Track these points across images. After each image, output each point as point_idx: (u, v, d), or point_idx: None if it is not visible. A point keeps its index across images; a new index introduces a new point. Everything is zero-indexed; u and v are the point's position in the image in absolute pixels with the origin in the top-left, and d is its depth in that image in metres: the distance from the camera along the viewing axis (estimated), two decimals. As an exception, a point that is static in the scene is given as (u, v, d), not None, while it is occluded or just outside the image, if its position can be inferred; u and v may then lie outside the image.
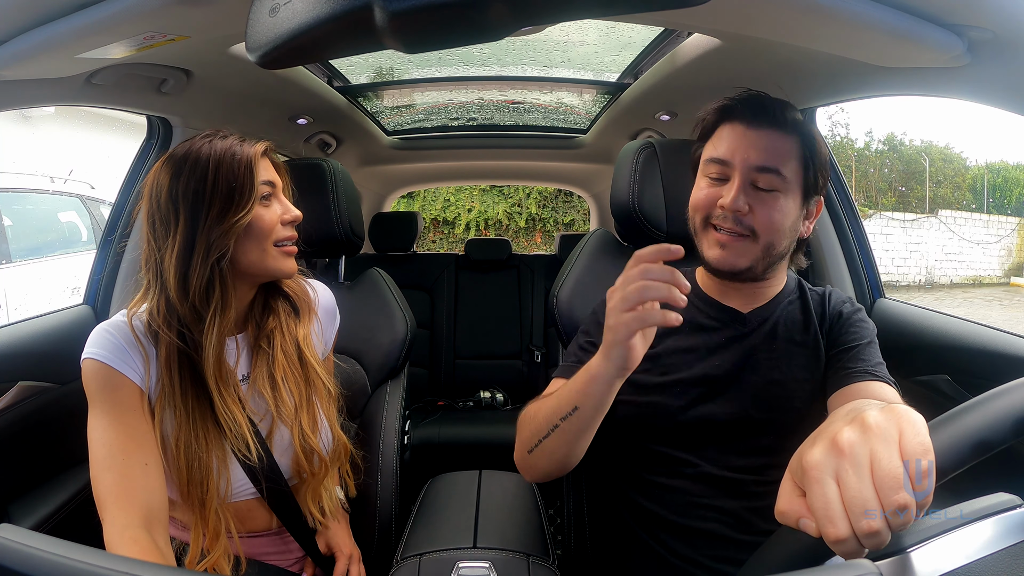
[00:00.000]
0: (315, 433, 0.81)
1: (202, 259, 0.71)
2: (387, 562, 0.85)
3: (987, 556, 0.35)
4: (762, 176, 0.75)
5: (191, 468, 0.71)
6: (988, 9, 0.67)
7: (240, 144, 0.76)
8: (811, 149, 0.77)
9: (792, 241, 0.80)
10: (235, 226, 0.72)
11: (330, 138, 1.95)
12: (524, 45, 1.47)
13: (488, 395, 2.29)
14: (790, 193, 0.76)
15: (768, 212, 0.75)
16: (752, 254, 0.77)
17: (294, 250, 0.80)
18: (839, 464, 0.38)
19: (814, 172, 0.77)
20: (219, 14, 0.76)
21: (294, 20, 0.45)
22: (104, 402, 0.70)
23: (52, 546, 0.35)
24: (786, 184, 0.75)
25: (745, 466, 0.77)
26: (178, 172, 0.73)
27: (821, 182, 0.79)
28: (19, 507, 1.09)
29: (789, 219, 0.77)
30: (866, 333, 0.81)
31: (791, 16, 0.76)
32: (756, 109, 0.77)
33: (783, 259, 0.82)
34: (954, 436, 0.35)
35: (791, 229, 0.78)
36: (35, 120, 5.74)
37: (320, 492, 0.84)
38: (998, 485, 0.41)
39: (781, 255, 0.80)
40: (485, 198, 7.93)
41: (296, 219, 0.80)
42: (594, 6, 0.63)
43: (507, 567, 0.76)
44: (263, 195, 0.77)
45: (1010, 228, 10.36)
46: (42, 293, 3.85)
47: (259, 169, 0.76)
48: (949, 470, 0.35)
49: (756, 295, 0.85)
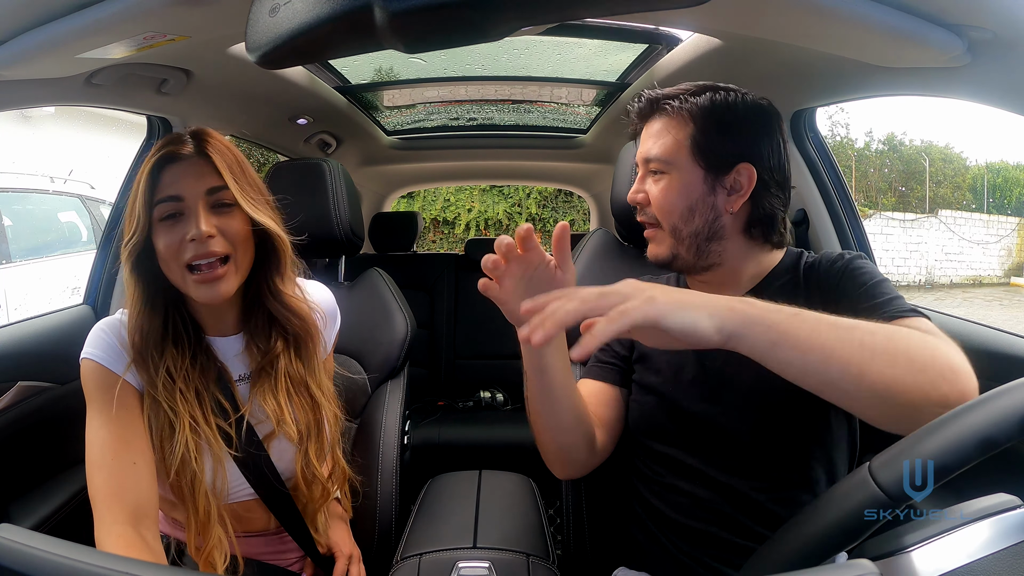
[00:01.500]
0: (321, 462, 0.80)
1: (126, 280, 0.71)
2: (387, 562, 0.85)
3: (987, 556, 0.35)
4: (651, 164, 0.78)
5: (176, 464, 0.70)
6: (988, 9, 0.67)
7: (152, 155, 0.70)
8: (707, 123, 0.75)
9: (708, 219, 0.76)
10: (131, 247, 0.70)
11: (330, 138, 1.95)
12: (525, 45, 1.47)
13: (488, 395, 2.29)
14: (680, 172, 0.75)
15: (657, 196, 0.77)
16: (666, 241, 0.78)
17: (212, 276, 0.70)
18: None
19: (711, 143, 0.74)
20: (219, 14, 0.76)
21: (294, 20, 0.45)
22: (99, 401, 0.71)
23: (52, 546, 0.35)
24: (671, 165, 0.76)
25: (745, 465, 0.76)
26: None
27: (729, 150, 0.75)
28: (19, 507, 1.09)
29: (684, 197, 0.75)
30: (866, 277, 0.74)
31: (791, 16, 0.76)
32: (642, 106, 0.80)
33: (713, 240, 0.77)
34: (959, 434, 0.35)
35: (692, 207, 0.75)
36: (35, 120, 5.74)
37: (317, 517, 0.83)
38: (998, 486, 0.41)
39: (699, 235, 0.76)
40: (485, 198, 7.93)
41: (199, 237, 0.68)
42: (594, 6, 0.63)
43: (507, 567, 0.76)
44: (164, 215, 0.69)
45: (1010, 228, 10.37)
46: (42, 293, 3.85)
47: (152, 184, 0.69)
48: (955, 467, 0.35)
49: (736, 284, 0.80)
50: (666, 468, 0.81)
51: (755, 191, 0.75)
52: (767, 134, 0.76)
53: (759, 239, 0.78)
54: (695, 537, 0.77)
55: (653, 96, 0.79)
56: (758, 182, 0.75)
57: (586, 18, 0.61)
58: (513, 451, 1.93)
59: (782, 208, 0.78)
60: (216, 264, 0.70)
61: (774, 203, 0.77)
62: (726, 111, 0.75)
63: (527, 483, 1.05)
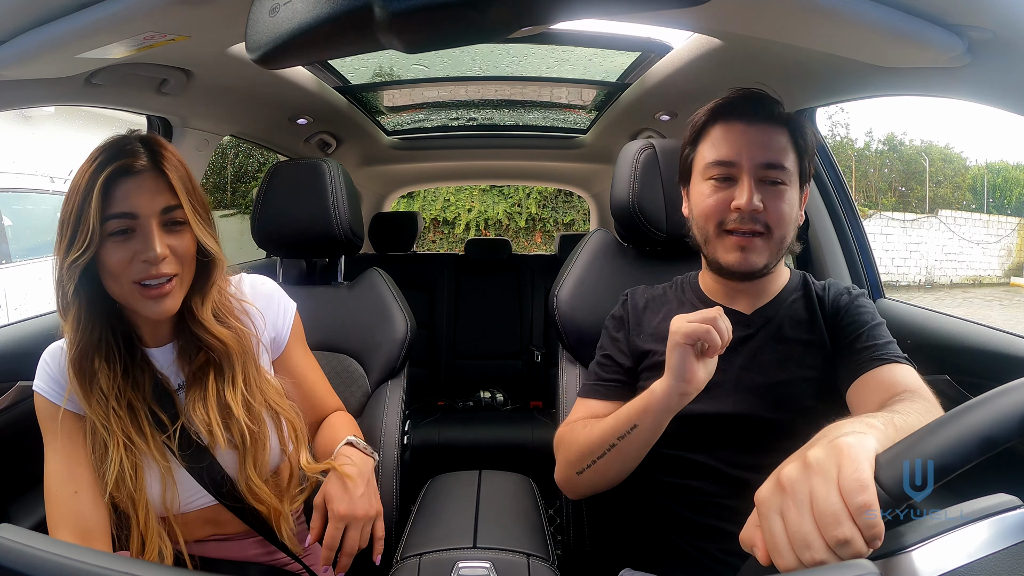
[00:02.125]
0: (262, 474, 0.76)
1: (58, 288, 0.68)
2: (387, 562, 0.84)
3: (987, 556, 0.35)
4: (770, 172, 0.77)
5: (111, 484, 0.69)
6: (988, 9, 0.67)
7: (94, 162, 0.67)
8: (803, 139, 0.79)
9: (794, 230, 0.82)
10: (74, 264, 0.66)
11: (330, 138, 1.95)
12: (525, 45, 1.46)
13: (488, 395, 2.29)
14: (793, 185, 0.79)
15: (779, 206, 0.77)
16: (768, 251, 0.78)
17: (160, 292, 0.69)
18: (783, 501, 0.41)
19: (807, 161, 0.81)
20: (219, 14, 0.76)
21: (294, 20, 0.45)
22: (48, 432, 0.72)
23: (52, 546, 0.35)
24: (790, 176, 0.78)
25: (757, 465, 0.76)
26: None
27: (811, 169, 0.83)
28: (19, 507, 1.09)
29: (795, 210, 0.80)
30: (867, 316, 0.79)
31: (791, 16, 0.76)
32: (753, 105, 0.78)
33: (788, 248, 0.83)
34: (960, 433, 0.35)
35: (796, 219, 0.81)
36: (35, 120, 5.73)
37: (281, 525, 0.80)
38: (998, 486, 0.41)
39: (789, 247, 0.81)
40: (485, 198, 7.92)
41: (153, 259, 0.67)
42: (594, 6, 0.63)
43: (507, 567, 0.76)
44: (114, 231, 0.67)
45: (1010, 228, 10.36)
46: (42, 293, 3.84)
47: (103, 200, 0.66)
48: (956, 467, 0.35)
49: (759, 294, 0.85)
50: (676, 469, 0.81)
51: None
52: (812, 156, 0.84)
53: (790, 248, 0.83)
54: (707, 534, 0.77)
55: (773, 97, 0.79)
56: None
57: (586, 18, 0.61)
58: (513, 451, 1.92)
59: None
60: (167, 281, 0.70)
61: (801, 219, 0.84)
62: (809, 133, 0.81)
63: (527, 483, 1.05)
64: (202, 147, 1.40)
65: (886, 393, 0.69)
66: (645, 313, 0.90)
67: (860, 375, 0.74)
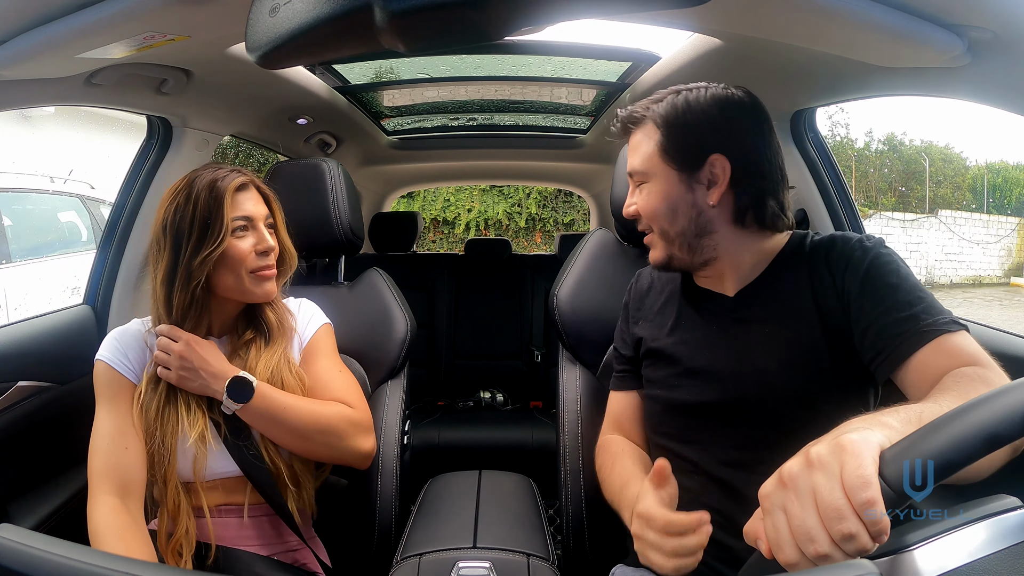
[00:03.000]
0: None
1: (182, 285, 0.83)
2: (387, 562, 0.85)
3: (987, 556, 0.35)
4: (634, 177, 0.82)
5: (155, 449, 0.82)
6: (988, 9, 0.67)
7: (222, 179, 0.84)
8: (670, 126, 0.77)
9: (691, 217, 0.77)
10: (208, 258, 0.82)
11: (330, 138, 1.95)
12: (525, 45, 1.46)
13: (488, 395, 2.29)
14: (656, 177, 0.78)
15: (643, 204, 0.80)
16: (661, 244, 0.81)
17: (270, 275, 0.89)
18: (785, 496, 0.41)
19: (677, 143, 0.76)
20: (219, 14, 0.76)
21: (294, 20, 0.45)
22: (103, 396, 0.84)
23: (52, 546, 0.35)
24: (648, 174, 0.79)
25: (744, 463, 0.75)
26: (172, 203, 0.84)
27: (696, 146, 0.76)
28: (19, 507, 1.09)
29: (665, 200, 0.78)
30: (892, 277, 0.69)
31: (791, 16, 0.76)
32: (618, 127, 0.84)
33: (703, 236, 0.78)
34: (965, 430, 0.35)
35: (674, 208, 0.78)
36: (35, 120, 5.74)
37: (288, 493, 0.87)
38: (999, 486, 0.41)
39: (686, 233, 0.78)
40: (485, 198, 7.93)
41: (269, 250, 0.88)
42: (594, 6, 0.63)
43: (507, 567, 0.76)
44: (236, 228, 0.85)
45: (1010, 228, 10.36)
46: (42, 293, 3.85)
47: (231, 205, 0.84)
48: (961, 463, 0.35)
49: (740, 273, 0.80)
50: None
51: (734, 179, 0.76)
52: (733, 121, 0.76)
53: (753, 226, 0.78)
54: None
55: (623, 114, 0.83)
56: (733, 170, 0.75)
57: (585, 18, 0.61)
58: (513, 451, 1.93)
59: (771, 191, 0.77)
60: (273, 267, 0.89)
61: (756, 188, 0.76)
62: (686, 110, 0.76)
63: (527, 483, 1.05)
64: (202, 147, 1.40)
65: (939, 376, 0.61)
66: (649, 293, 0.91)
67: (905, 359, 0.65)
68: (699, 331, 0.82)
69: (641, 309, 0.90)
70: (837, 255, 0.75)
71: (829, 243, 0.77)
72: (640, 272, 0.96)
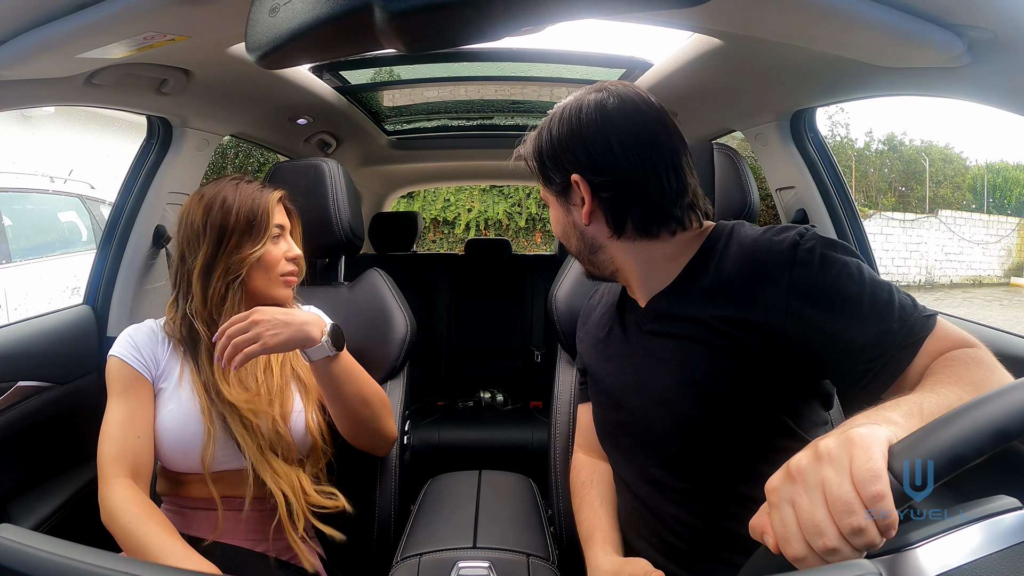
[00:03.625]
0: (285, 421, 0.90)
1: (221, 277, 0.88)
2: (387, 562, 0.85)
3: (987, 556, 0.35)
4: None
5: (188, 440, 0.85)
6: (988, 9, 0.67)
7: (260, 191, 0.93)
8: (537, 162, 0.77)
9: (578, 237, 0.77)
10: (249, 256, 0.89)
11: (330, 138, 1.95)
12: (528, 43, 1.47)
13: (488, 395, 2.29)
14: (550, 204, 0.80)
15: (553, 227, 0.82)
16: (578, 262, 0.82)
17: (294, 281, 0.96)
18: (793, 489, 0.40)
19: (546, 173, 0.76)
20: (219, 14, 0.76)
21: (294, 20, 0.45)
22: (115, 389, 0.87)
23: (52, 546, 0.35)
24: (547, 205, 0.81)
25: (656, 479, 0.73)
26: (210, 205, 0.89)
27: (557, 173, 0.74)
28: (19, 507, 1.09)
29: (557, 225, 0.79)
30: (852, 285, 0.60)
31: (791, 16, 0.76)
32: None
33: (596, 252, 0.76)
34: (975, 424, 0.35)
35: (565, 232, 0.79)
36: (35, 120, 5.74)
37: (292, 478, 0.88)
38: (999, 487, 0.41)
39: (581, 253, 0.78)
40: (485, 198, 7.93)
41: (297, 257, 0.95)
42: (594, 6, 0.63)
43: (507, 567, 0.76)
44: (274, 235, 0.92)
45: (1010, 228, 10.37)
46: (42, 293, 3.85)
47: (274, 213, 0.92)
48: (970, 458, 0.35)
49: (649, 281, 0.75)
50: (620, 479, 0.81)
51: (596, 195, 0.72)
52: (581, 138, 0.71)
53: (636, 236, 0.72)
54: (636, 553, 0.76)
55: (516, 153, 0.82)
56: (591, 186, 0.71)
57: (585, 18, 0.61)
58: (513, 451, 1.92)
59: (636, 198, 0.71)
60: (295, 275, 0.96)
61: (623, 196, 0.71)
62: (546, 139, 0.74)
63: (527, 483, 1.05)
64: (202, 147, 1.40)
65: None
66: (597, 307, 0.90)
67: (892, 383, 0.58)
68: (617, 346, 0.80)
69: (586, 323, 0.91)
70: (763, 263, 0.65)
71: (752, 251, 0.67)
72: (598, 287, 0.94)
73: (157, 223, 1.35)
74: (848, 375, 0.61)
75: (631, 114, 0.71)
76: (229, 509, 0.86)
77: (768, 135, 1.38)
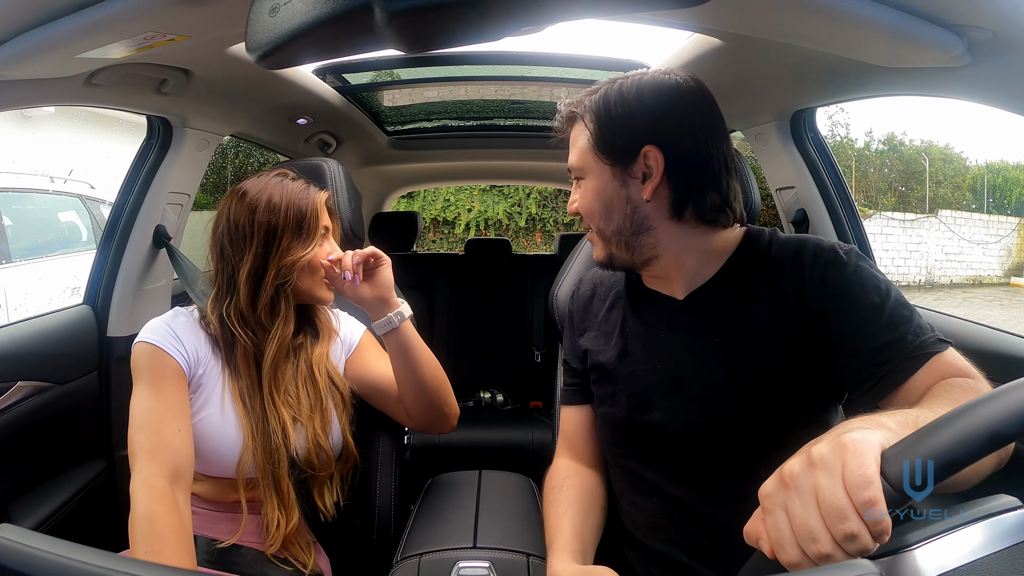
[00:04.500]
0: (326, 433, 0.88)
1: (271, 281, 0.84)
2: (387, 562, 0.84)
3: (987, 556, 0.35)
4: (572, 173, 0.78)
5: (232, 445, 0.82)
6: (988, 9, 0.67)
7: (307, 189, 0.89)
8: (600, 119, 0.72)
9: (626, 213, 0.72)
10: (301, 259, 0.85)
11: (330, 138, 1.95)
12: (526, 45, 1.47)
13: (488, 395, 2.29)
14: (591, 174, 0.74)
15: (579, 202, 0.76)
16: (600, 243, 0.77)
17: None
18: (787, 496, 0.40)
19: (609, 137, 0.71)
20: (219, 14, 0.76)
21: (294, 20, 0.45)
22: (149, 376, 0.80)
23: (52, 546, 0.35)
24: (583, 170, 0.75)
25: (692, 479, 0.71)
26: (254, 204, 0.85)
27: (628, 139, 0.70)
28: (19, 507, 1.09)
29: (598, 197, 0.73)
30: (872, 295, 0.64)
31: (791, 16, 0.76)
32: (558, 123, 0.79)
33: (640, 233, 0.73)
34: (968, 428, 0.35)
35: (608, 206, 0.73)
36: (35, 120, 5.74)
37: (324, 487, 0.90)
38: (999, 486, 0.41)
39: (623, 231, 0.73)
40: (485, 198, 7.93)
41: (339, 259, 0.90)
42: (594, 6, 0.63)
43: (507, 567, 0.76)
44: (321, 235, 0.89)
45: (1010, 228, 10.36)
46: (42, 293, 3.85)
47: (322, 214, 0.89)
48: (963, 462, 0.35)
49: (690, 274, 0.75)
50: (629, 483, 0.78)
51: (668, 171, 0.70)
52: (667, 110, 0.70)
53: (692, 221, 0.72)
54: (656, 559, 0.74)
55: (562, 108, 0.78)
56: (668, 162, 0.69)
57: (586, 18, 0.61)
58: (513, 451, 1.93)
59: (711, 183, 0.71)
60: None
61: (696, 179, 0.70)
62: (618, 100, 0.71)
63: (527, 483, 1.05)
64: (202, 147, 1.40)
65: None
66: (593, 300, 0.87)
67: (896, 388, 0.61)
68: (638, 341, 0.77)
69: (586, 319, 0.86)
70: (808, 266, 0.68)
71: (797, 249, 0.70)
72: (581, 279, 0.92)
73: (157, 223, 1.34)
74: (855, 376, 0.64)
75: (709, 103, 0.72)
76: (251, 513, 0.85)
77: (768, 135, 1.38)
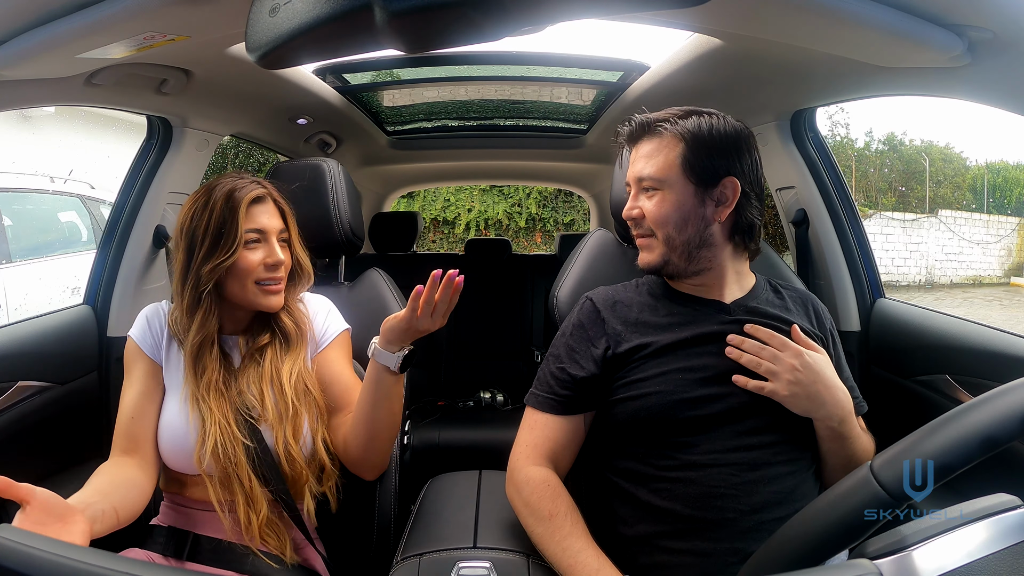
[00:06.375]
0: (297, 442, 0.87)
1: (191, 288, 0.86)
2: (387, 562, 0.84)
3: (987, 556, 0.35)
4: (644, 183, 0.85)
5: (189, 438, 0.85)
6: (988, 9, 0.67)
7: (239, 190, 0.87)
8: (696, 143, 0.82)
9: (699, 228, 0.83)
10: (218, 267, 0.85)
11: (330, 138, 1.95)
12: (526, 45, 1.47)
13: (488, 395, 2.29)
14: (672, 188, 0.83)
15: (652, 209, 0.84)
16: (660, 249, 0.85)
17: (276, 289, 0.90)
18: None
19: (700, 160, 0.82)
20: (219, 14, 0.77)
21: (294, 20, 0.45)
22: (130, 369, 0.90)
23: (52, 546, 0.36)
24: (664, 182, 0.83)
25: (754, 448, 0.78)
26: (191, 208, 0.87)
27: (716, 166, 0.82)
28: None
29: (678, 209, 0.83)
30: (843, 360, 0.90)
31: (791, 16, 0.76)
32: (632, 131, 0.88)
33: (703, 247, 0.84)
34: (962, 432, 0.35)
35: (685, 218, 0.83)
36: (35, 120, 5.74)
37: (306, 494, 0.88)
38: (999, 486, 0.41)
39: (691, 243, 0.84)
40: (485, 198, 7.93)
41: (278, 264, 0.89)
42: (593, 6, 0.63)
43: (507, 567, 0.76)
44: (249, 240, 0.87)
45: (1010, 228, 10.36)
46: (42, 293, 3.85)
47: (245, 217, 0.86)
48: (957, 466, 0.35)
49: (722, 288, 0.87)
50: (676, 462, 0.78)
51: (739, 202, 0.83)
52: (747, 151, 0.84)
53: (742, 246, 0.87)
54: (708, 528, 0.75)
55: (644, 120, 0.86)
56: (741, 194, 0.83)
57: (585, 18, 0.61)
58: (513, 451, 1.92)
59: (759, 218, 0.86)
60: (281, 281, 0.91)
61: (754, 213, 0.86)
62: (712, 131, 0.83)
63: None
64: (202, 147, 1.40)
65: None
66: (615, 307, 0.89)
67: None
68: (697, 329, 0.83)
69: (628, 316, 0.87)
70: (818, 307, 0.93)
71: (807, 294, 0.94)
72: (592, 293, 0.93)
73: (157, 223, 1.35)
74: None
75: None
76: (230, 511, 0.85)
77: (768, 135, 1.38)
